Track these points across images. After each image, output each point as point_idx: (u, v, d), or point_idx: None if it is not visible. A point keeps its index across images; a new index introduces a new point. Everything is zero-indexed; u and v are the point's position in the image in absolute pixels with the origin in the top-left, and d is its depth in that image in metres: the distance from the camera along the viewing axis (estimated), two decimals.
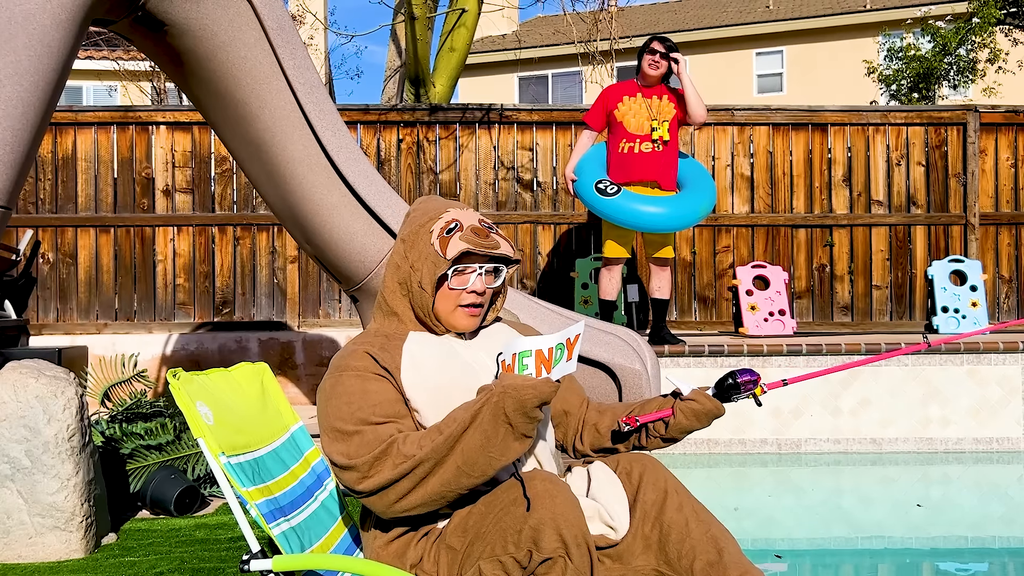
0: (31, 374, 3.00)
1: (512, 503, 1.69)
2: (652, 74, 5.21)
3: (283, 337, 6.55)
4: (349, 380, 1.81)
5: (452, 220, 1.93)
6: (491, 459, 1.69)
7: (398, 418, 1.80)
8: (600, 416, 2.12)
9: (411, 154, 6.80)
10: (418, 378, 1.86)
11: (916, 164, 6.89)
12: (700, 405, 1.97)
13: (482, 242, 1.90)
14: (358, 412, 1.77)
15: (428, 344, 1.93)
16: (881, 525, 3.78)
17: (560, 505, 1.65)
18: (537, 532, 1.63)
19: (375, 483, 1.73)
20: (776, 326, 6.18)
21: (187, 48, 3.66)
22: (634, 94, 5.26)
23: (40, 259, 6.67)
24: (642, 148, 5.18)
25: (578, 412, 2.16)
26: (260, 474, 2.20)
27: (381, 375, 1.83)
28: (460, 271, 1.92)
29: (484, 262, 1.94)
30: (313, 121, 3.83)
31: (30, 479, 2.94)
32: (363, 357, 1.85)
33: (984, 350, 5.24)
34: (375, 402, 1.79)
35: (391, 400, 1.81)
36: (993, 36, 11.58)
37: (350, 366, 1.84)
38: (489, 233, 1.94)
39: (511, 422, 1.66)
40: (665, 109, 5.22)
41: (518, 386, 1.66)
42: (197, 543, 3.13)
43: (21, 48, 3.07)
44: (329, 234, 4.00)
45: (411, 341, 1.93)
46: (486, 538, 1.70)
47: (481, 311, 1.96)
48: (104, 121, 6.72)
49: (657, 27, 20.56)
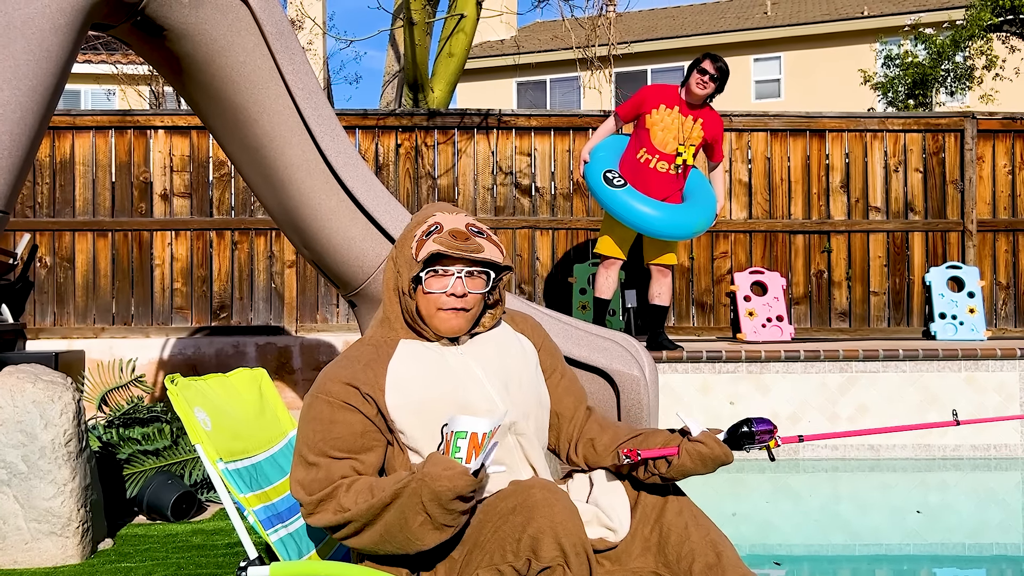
0: (28, 379, 2.99)
1: (511, 512, 1.69)
2: (699, 93, 5.01)
3: (280, 342, 6.54)
4: (320, 406, 1.82)
5: (434, 223, 1.91)
6: (410, 541, 1.69)
7: (359, 453, 1.80)
8: (600, 432, 2.05)
9: (409, 159, 6.81)
10: (402, 399, 1.84)
11: (914, 170, 6.90)
12: (708, 450, 1.84)
13: (459, 245, 1.86)
14: (320, 443, 1.79)
15: (415, 357, 1.91)
16: (879, 532, 3.77)
17: (559, 514, 1.65)
18: (536, 541, 1.63)
19: (317, 522, 1.78)
20: (774, 332, 6.19)
21: (185, 53, 3.65)
22: (672, 106, 5.10)
23: (37, 263, 6.66)
24: (658, 166, 5.09)
25: (574, 418, 2.10)
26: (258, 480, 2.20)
27: (350, 407, 1.81)
28: (438, 273, 1.89)
29: (464, 265, 1.89)
30: (312, 126, 3.83)
31: (26, 484, 2.93)
32: (340, 383, 1.83)
33: (982, 357, 5.24)
34: (338, 435, 1.79)
35: (355, 434, 1.80)
36: (990, 43, 11.60)
37: (326, 390, 1.83)
38: (471, 236, 1.89)
39: (428, 512, 1.64)
40: (695, 134, 5.08)
41: (436, 476, 1.62)
42: (194, 549, 3.12)
43: (19, 52, 3.07)
44: (327, 239, 4.00)
45: (398, 355, 1.91)
46: (484, 547, 1.70)
47: (465, 315, 1.90)
48: (102, 125, 6.71)
49: (655, 33, 20.61)
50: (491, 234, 1.96)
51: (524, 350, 2.06)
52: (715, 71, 4.98)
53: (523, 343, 2.08)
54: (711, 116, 5.17)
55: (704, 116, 5.14)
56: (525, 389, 1.98)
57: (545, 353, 2.12)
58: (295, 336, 6.63)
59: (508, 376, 1.96)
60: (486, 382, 1.91)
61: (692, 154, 5.10)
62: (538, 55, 19.48)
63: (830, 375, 5.27)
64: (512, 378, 1.97)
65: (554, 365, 2.12)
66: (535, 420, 2.00)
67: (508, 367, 1.98)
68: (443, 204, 2.00)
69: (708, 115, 5.16)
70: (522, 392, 1.97)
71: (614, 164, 5.21)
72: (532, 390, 2.01)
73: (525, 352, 2.05)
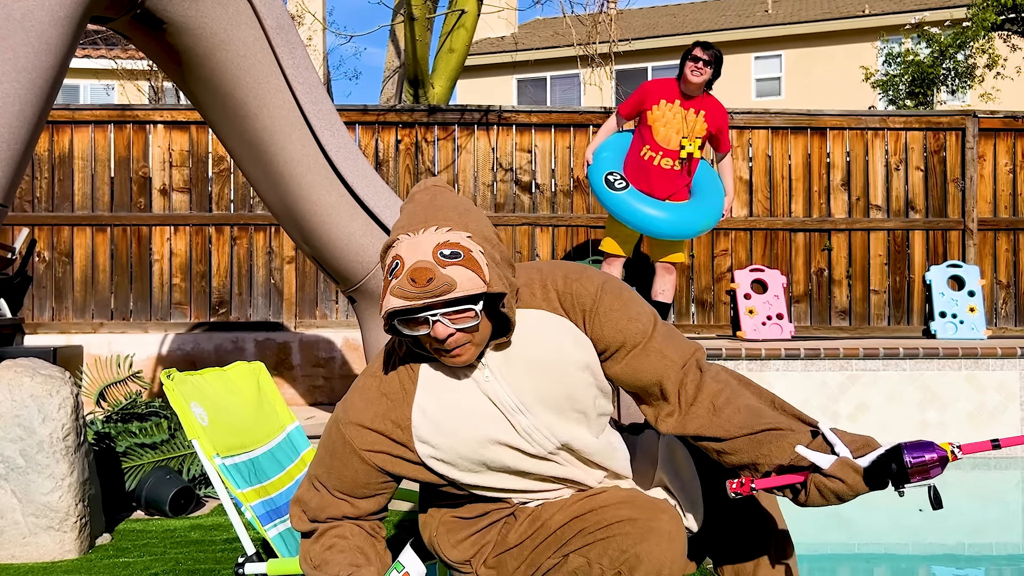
0: (26, 373, 2.98)
1: (629, 521, 1.62)
2: (695, 81, 4.95)
3: (280, 338, 6.53)
4: (338, 440, 1.75)
5: (394, 258, 1.59)
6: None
7: (357, 498, 1.77)
8: (713, 416, 1.65)
9: (409, 155, 6.79)
10: (430, 449, 1.70)
11: (915, 169, 6.89)
12: (844, 487, 1.53)
13: (418, 292, 1.53)
14: (324, 475, 1.77)
15: (440, 389, 1.70)
16: (878, 531, 3.77)
17: (672, 553, 1.60)
18: (638, 563, 1.58)
19: (293, 525, 1.83)
20: (774, 330, 6.18)
21: (186, 47, 3.64)
22: (672, 100, 5.04)
23: (36, 258, 6.64)
24: (662, 163, 5.04)
25: (659, 401, 1.71)
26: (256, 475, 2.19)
27: (365, 455, 1.72)
28: (409, 322, 1.60)
29: (437, 308, 1.57)
30: (312, 121, 3.82)
31: (24, 479, 2.92)
32: (366, 428, 1.72)
33: (982, 356, 5.23)
34: (341, 476, 1.75)
35: (358, 483, 1.75)
36: (991, 42, 11.59)
37: (350, 431, 1.73)
38: (433, 275, 1.53)
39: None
40: (699, 126, 5.02)
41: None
42: (192, 544, 3.12)
43: (19, 45, 3.05)
44: (327, 234, 3.99)
45: (422, 389, 1.70)
46: (586, 532, 1.64)
47: (467, 348, 1.61)
48: (101, 120, 6.70)
49: (656, 30, 20.59)
50: (472, 248, 1.58)
51: (562, 340, 1.69)
52: (708, 56, 4.93)
53: (562, 330, 1.70)
54: (714, 106, 5.10)
55: (707, 107, 5.07)
56: (563, 403, 1.70)
57: (598, 327, 1.69)
58: (294, 332, 6.62)
59: (546, 393, 1.68)
60: (517, 410, 1.68)
61: (698, 147, 5.04)
62: (538, 52, 19.45)
63: (830, 373, 5.26)
64: (551, 396, 1.69)
65: (615, 339, 1.69)
66: (588, 425, 1.73)
67: (540, 382, 1.68)
68: (414, 210, 1.66)
69: (711, 106, 5.09)
70: (561, 414, 1.70)
71: (617, 164, 5.19)
72: (581, 395, 1.70)
73: (562, 343, 1.69)
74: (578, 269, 1.74)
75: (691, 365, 1.70)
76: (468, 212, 1.65)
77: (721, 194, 5.28)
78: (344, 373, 6.54)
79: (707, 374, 1.69)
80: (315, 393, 6.53)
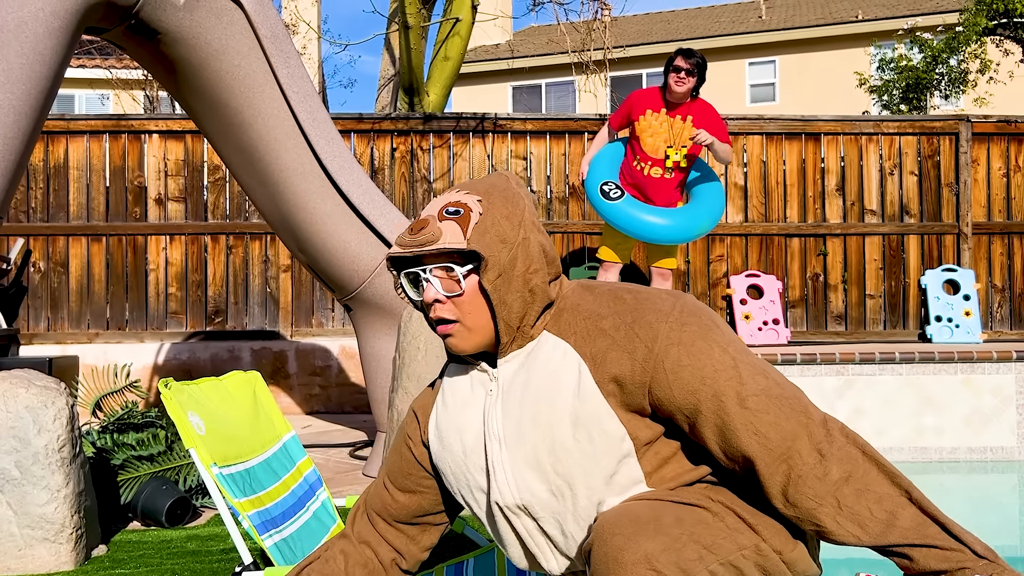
0: (21, 384, 2.97)
1: (738, 530, 1.45)
2: (679, 91, 4.96)
3: (276, 346, 6.53)
4: (401, 425, 1.77)
5: None
6: None
7: (398, 489, 1.72)
8: (838, 514, 1.38)
9: (405, 163, 6.80)
10: (440, 464, 1.64)
11: (909, 173, 6.91)
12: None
13: (409, 239, 1.46)
14: (387, 458, 1.77)
15: (453, 392, 1.61)
16: None
17: None
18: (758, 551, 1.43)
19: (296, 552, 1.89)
20: (770, 335, 6.18)
21: (180, 57, 3.65)
22: (658, 109, 5.06)
23: (31, 268, 6.63)
24: (651, 172, 5.07)
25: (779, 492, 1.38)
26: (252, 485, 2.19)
27: (408, 441, 1.71)
28: (412, 283, 1.53)
29: (428, 263, 1.47)
30: (307, 130, 3.82)
31: (19, 490, 2.91)
32: (412, 410, 1.74)
33: (978, 359, 5.24)
34: (391, 459, 1.75)
35: (401, 471, 1.72)
36: (984, 47, 11.64)
37: (408, 412, 1.76)
38: (426, 225, 1.45)
39: None
40: (686, 133, 5.02)
41: None
42: (189, 555, 3.10)
43: (13, 56, 3.06)
44: (323, 243, 3.99)
45: (443, 388, 1.64)
46: (704, 535, 1.40)
47: (460, 330, 1.48)
48: (96, 129, 6.70)
49: (650, 37, 20.64)
50: (473, 209, 1.47)
51: (560, 374, 1.46)
52: (689, 65, 4.93)
53: (567, 360, 1.47)
54: (701, 109, 5.09)
55: (693, 112, 5.07)
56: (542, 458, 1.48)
57: (604, 367, 1.43)
58: (290, 340, 6.61)
59: (535, 441, 1.47)
60: (495, 437, 1.52)
61: (683, 155, 5.07)
62: (533, 59, 19.51)
63: (826, 378, 5.27)
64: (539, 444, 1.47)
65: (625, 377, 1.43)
66: (583, 481, 1.45)
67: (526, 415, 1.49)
68: (469, 182, 1.56)
69: (698, 109, 5.09)
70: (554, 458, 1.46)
71: (612, 174, 5.23)
72: (577, 446, 1.44)
73: (560, 379, 1.46)
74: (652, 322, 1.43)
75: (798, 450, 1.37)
76: (497, 188, 1.52)
77: (719, 197, 5.31)
78: (340, 381, 6.53)
79: (830, 458, 1.36)
80: (311, 402, 6.52)
